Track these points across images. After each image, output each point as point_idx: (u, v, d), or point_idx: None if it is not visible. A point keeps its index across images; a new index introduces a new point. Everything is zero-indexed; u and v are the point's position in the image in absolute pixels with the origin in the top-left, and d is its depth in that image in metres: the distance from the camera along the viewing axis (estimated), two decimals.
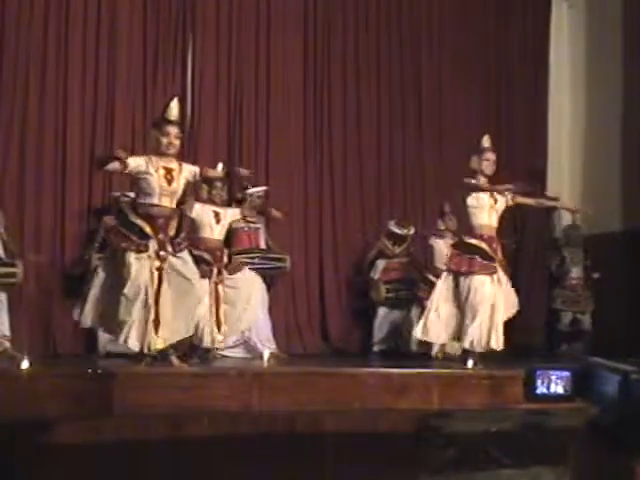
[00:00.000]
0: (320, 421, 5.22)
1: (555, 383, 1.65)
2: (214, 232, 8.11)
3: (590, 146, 11.59)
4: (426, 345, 8.44)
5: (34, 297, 8.70)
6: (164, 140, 6.38)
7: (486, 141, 7.89)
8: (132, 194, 8.90)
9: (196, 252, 7.78)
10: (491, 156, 7.79)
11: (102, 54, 9.40)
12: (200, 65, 9.91)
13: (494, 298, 7.48)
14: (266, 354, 7.58)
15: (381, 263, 9.91)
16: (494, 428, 4.86)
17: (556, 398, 1.65)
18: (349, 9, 10.84)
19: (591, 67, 11.68)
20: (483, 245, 7.60)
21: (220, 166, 8.18)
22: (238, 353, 8.50)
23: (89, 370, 4.99)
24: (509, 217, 8.32)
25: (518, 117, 11.69)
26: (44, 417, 4.50)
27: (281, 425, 5.11)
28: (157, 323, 6.15)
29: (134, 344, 6.13)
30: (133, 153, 9.21)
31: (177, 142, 6.44)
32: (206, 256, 7.87)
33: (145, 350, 6.11)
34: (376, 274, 9.89)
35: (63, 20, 9.25)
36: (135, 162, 6.35)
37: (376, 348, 9.73)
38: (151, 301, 6.14)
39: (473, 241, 7.64)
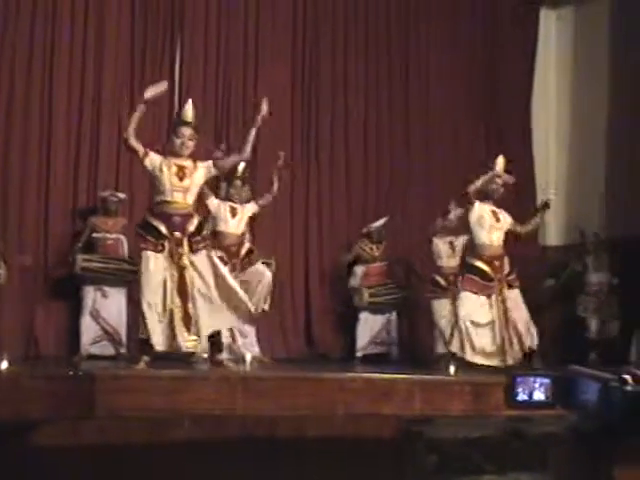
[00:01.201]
0: (303, 426, 5.21)
1: (536, 390, 1.65)
2: (229, 226, 8.19)
3: (576, 155, 11.63)
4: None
5: (17, 298, 8.66)
6: (178, 141, 6.45)
7: (499, 164, 7.88)
8: (121, 194, 8.94)
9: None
10: (500, 181, 7.80)
11: (89, 53, 9.39)
12: (188, 64, 9.91)
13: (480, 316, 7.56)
14: (249, 358, 7.57)
15: (360, 268, 9.91)
16: (476, 434, 4.86)
17: (537, 405, 1.65)
18: (338, 7, 10.86)
19: (578, 79, 11.72)
20: (482, 265, 7.66)
21: (242, 165, 8.24)
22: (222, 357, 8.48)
23: (70, 372, 4.97)
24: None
25: (505, 126, 11.72)
26: (24, 419, 4.48)
27: (264, 429, 5.11)
28: (187, 321, 6.20)
29: (158, 344, 6.14)
30: (118, 155, 9.31)
31: (191, 143, 6.49)
32: (219, 252, 7.87)
33: (175, 350, 6.18)
34: (357, 280, 9.89)
35: (50, 18, 9.23)
36: (154, 157, 6.41)
37: (360, 353, 9.73)
38: (171, 300, 6.17)
39: (474, 262, 7.72)
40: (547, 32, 12.13)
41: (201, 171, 6.51)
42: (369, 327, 9.82)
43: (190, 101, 6.75)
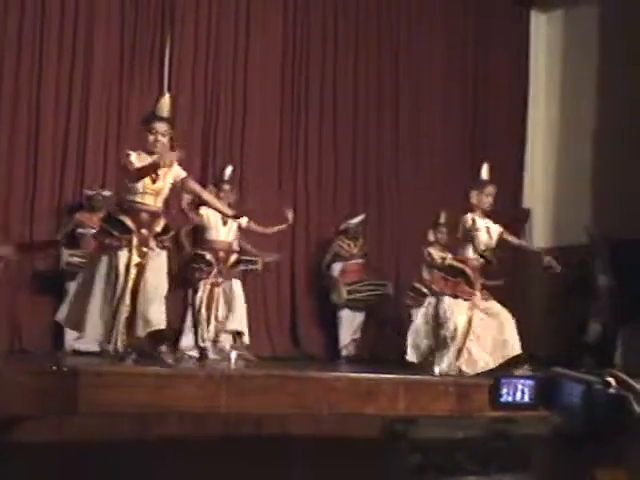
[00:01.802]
0: (287, 424, 5.21)
1: (519, 392, 1.65)
2: (220, 234, 8.17)
3: (564, 157, 11.67)
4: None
5: (2, 293, 8.64)
6: (150, 137, 6.23)
7: (485, 173, 7.82)
8: (107, 192, 8.91)
9: (199, 250, 7.84)
10: (491, 190, 7.72)
11: (78, 51, 9.38)
12: (177, 62, 9.90)
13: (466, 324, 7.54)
14: (234, 356, 7.56)
15: (338, 265, 9.92)
16: (460, 435, 4.87)
17: (521, 406, 1.65)
18: (328, 4, 10.87)
19: (567, 81, 11.76)
20: (467, 270, 7.63)
21: (229, 169, 8.21)
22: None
23: (54, 367, 4.95)
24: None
25: (496, 129, 11.76)
26: (7, 414, 4.46)
27: (248, 427, 5.10)
28: (130, 319, 6.04)
29: (97, 339, 6.15)
30: (106, 152, 9.30)
31: (164, 139, 6.25)
32: (208, 255, 7.90)
33: (112, 347, 6.05)
34: (334, 277, 9.90)
35: (39, 14, 9.22)
36: (133, 157, 6.20)
37: (344, 352, 9.74)
38: (121, 296, 6.01)
39: (459, 265, 7.68)
40: (537, 35, 12.17)
41: (174, 174, 6.29)
42: (351, 325, 9.83)
43: (167, 95, 6.59)
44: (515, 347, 7.50)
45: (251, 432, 5.07)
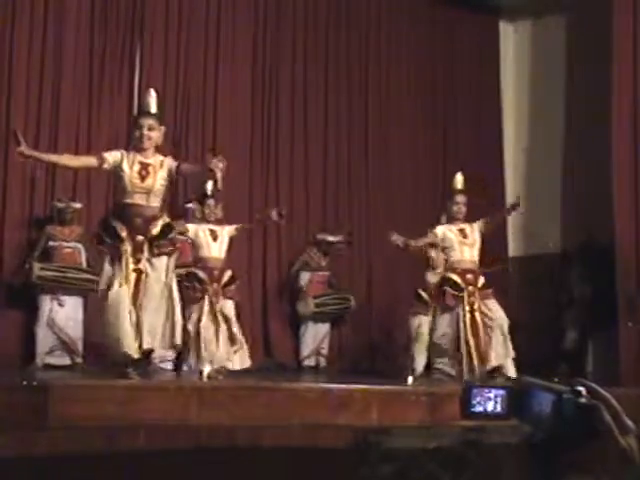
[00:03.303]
0: (259, 436, 5.19)
1: (491, 401, 1.65)
2: (212, 250, 7.83)
3: (533, 167, 11.76)
4: None
5: None
6: (137, 133, 6.08)
7: (457, 182, 7.89)
8: (76, 204, 8.83)
9: (192, 269, 7.66)
10: (461, 199, 7.80)
11: (48, 58, 9.32)
12: (147, 69, 9.87)
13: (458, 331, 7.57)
14: (206, 369, 7.51)
15: (306, 275, 9.92)
16: (432, 444, 4.88)
17: (492, 416, 1.65)
18: (299, 14, 10.90)
19: (535, 91, 11.86)
20: (454, 276, 7.67)
21: (210, 183, 8.01)
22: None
23: (24, 382, 4.91)
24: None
25: (467, 140, 11.83)
26: None
27: (219, 440, 5.08)
28: (138, 329, 5.83)
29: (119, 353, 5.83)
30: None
31: (153, 134, 6.08)
32: (201, 274, 7.67)
33: (121, 358, 5.82)
34: (302, 286, 9.89)
35: (9, 23, 9.15)
36: (112, 156, 6.04)
37: (306, 363, 9.75)
38: (126, 306, 5.81)
39: (448, 275, 7.79)
40: (505, 45, 12.27)
41: (166, 169, 6.09)
42: (312, 336, 9.84)
43: (152, 90, 6.42)
44: (497, 358, 7.51)
45: (223, 444, 5.05)
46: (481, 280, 7.73)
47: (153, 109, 6.24)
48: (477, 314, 7.58)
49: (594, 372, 9.28)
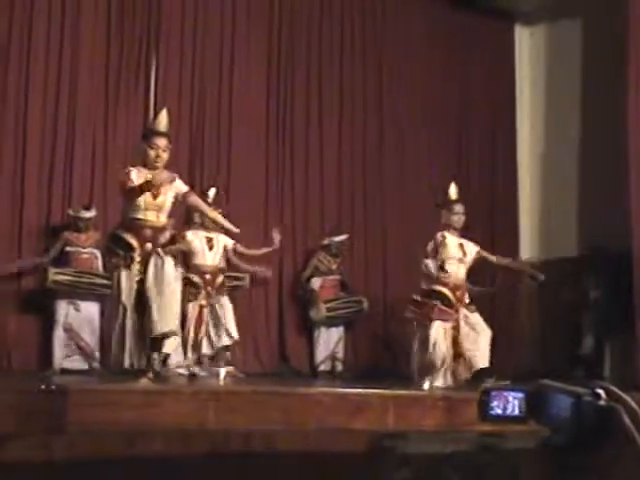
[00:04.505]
0: (275, 440, 5.19)
1: (510, 404, 1.65)
2: (207, 258, 8.07)
3: (549, 171, 11.72)
4: None
5: None
6: (152, 153, 6.17)
7: (453, 193, 7.91)
8: (89, 213, 8.85)
9: (187, 274, 7.78)
10: (460, 209, 7.83)
11: (64, 71, 9.36)
12: (163, 81, 9.90)
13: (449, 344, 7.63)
14: (222, 373, 7.55)
15: (317, 281, 9.91)
16: (448, 449, 4.86)
17: (510, 420, 1.65)
18: (313, 22, 10.91)
19: (551, 95, 11.82)
20: (445, 291, 7.70)
21: (213, 191, 8.14)
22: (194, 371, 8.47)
23: (42, 386, 4.92)
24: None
25: (482, 144, 11.81)
26: None
27: (236, 444, 5.08)
28: (140, 334, 5.96)
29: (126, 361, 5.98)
30: (93, 171, 9.28)
31: (165, 155, 6.22)
32: (195, 278, 7.87)
33: (134, 366, 5.97)
34: (313, 292, 9.90)
35: (26, 36, 9.20)
36: (133, 174, 6.12)
37: (321, 368, 9.75)
38: (128, 313, 5.95)
39: (438, 288, 7.78)
40: (521, 49, 12.25)
41: (175, 190, 6.26)
42: (326, 341, 9.84)
43: (165, 110, 6.56)
44: (483, 361, 7.59)
45: (239, 448, 5.05)
46: (466, 297, 7.87)
47: (166, 129, 6.38)
48: (463, 324, 7.66)
49: (611, 376, 9.25)
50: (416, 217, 10.61)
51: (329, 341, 9.85)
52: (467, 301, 7.88)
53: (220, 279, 8.21)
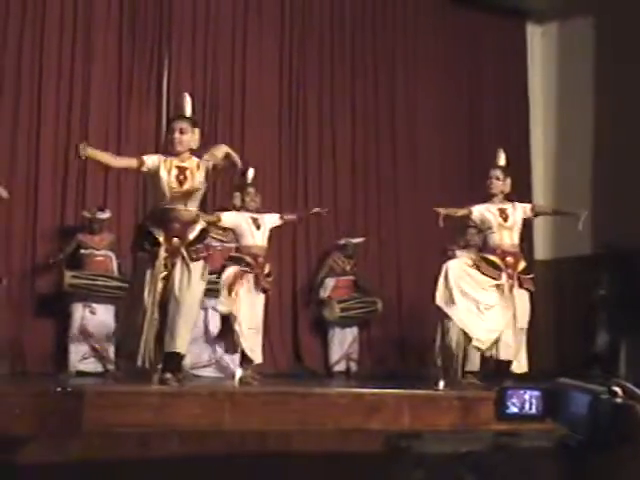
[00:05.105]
0: (291, 441, 5.19)
1: (526, 403, 1.65)
2: (256, 238, 7.65)
3: (562, 170, 11.70)
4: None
5: (4, 315, 8.62)
6: (169, 136, 6.03)
7: (499, 158, 7.76)
8: (104, 214, 8.86)
9: (236, 254, 7.57)
10: (493, 173, 7.64)
11: (77, 70, 9.40)
12: (175, 82, 9.92)
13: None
14: (238, 374, 7.52)
15: (331, 281, 9.91)
16: (464, 449, 4.86)
17: (527, 418, 1.65)
18: (325, 21, 10.91)
19: (563, 94, 11.80)
20: (493, 258, 7.40)
21: (252, 171, 7.97)
22: (210, 373, 8.48)
23: (58, 388, 4.94)
24: None
25: (495, 144, 11.75)
26: (10, 436, 4.45)
27: (252, 444, 5.08)
28: (159, 337, 5.82)
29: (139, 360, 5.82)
30: (106, 173, 9.30)
31: (185, 137, 5.98)
32: (248, 259, 7.50)
33: (145, 365, 5.82)
34: (326, 292, 9.87)
35: (38, 37, 9.24)
36: (151, 160, 5.96)
37: (336, 368, 9.74)
38: (152, 312, 5.80)
39: (487, 256, 7.43)
40: (532, 48, 12.23)
41: (202, 171, 5.99)
42: (340, 341, 9.82)
43: (186, 94, 6.41)
44: (506, 353, 7.36)
45: (255, 449, 5.05)
46: (522, 264, 7.44)
47: (186, 112, 6.21)
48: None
49: (627, 374, 9.22)
50: (430, 218, 10.56)
51: (344, 341, 9.85)
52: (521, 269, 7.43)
53: (268, 268, 7.69)
